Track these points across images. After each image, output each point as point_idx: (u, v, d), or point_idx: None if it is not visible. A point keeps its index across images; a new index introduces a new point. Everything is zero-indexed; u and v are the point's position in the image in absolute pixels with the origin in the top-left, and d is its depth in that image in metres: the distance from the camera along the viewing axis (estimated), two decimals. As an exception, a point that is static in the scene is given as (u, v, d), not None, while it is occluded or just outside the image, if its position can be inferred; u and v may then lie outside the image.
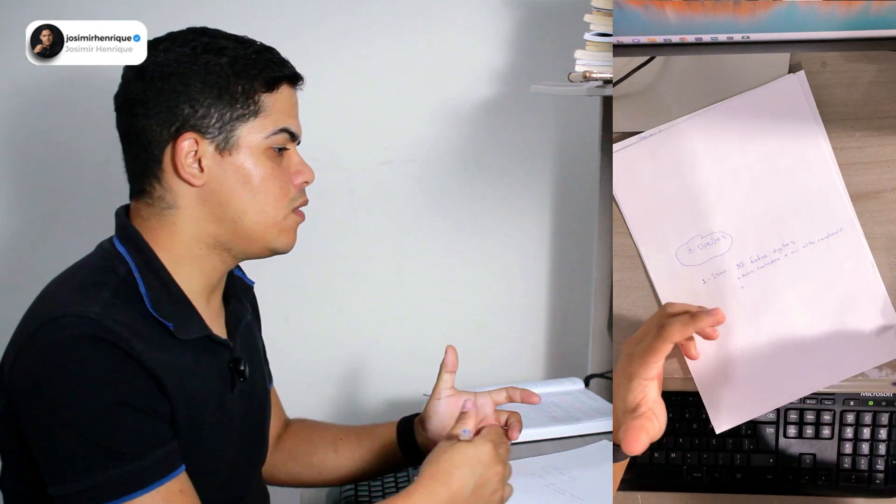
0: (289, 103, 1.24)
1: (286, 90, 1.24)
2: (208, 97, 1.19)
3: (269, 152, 1.22)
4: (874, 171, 1.27)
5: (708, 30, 1.25)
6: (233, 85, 1.19)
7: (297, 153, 1.26)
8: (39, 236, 1.99)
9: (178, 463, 1.15)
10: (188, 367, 1.19)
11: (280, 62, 1.24)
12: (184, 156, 1.19)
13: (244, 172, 1.21)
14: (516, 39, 2.05)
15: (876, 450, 1.32)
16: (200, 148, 1.19)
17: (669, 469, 1.34)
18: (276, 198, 1.22)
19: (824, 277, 1.25)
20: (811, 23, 1.23)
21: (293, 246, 1.27)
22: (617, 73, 1.30)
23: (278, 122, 1.22)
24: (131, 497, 1.10)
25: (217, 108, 1.19)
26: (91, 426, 1.10)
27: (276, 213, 1.23)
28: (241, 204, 1.21)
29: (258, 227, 1.22)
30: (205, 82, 1.19)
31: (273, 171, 1.22)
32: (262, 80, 1.21)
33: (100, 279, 1.17)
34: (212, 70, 1.19)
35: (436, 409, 1.41)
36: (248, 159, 1.21)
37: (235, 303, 1.32)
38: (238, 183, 1.21)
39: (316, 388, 2.11)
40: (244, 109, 1.20)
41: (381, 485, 1.60)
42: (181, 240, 1.22)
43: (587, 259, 2.01)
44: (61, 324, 1.11)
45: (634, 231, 1.29)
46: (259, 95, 1.21)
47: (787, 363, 1.24)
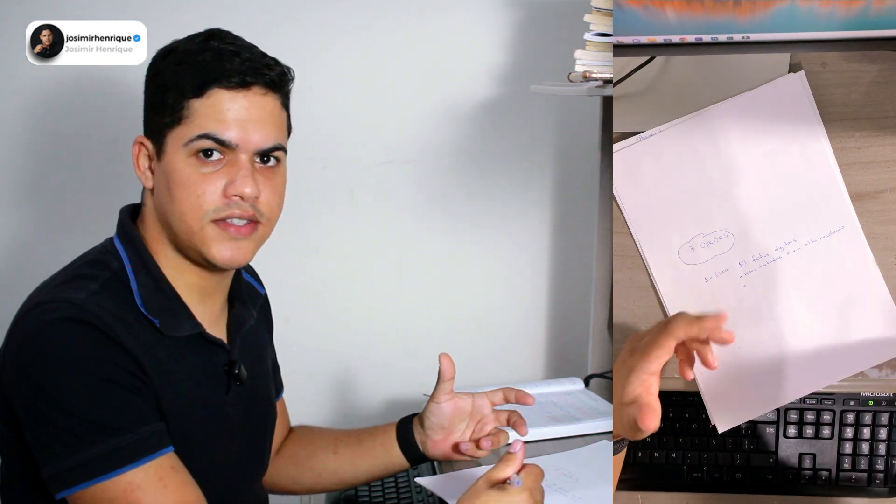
0: (222, 108, 1.18)
1: (220, 95, 1.18)
2: (150, 102, 1.21)
3: (190, 159, 1.18)
4: (874, 171, 1.27)
5: (708, 30, 1.25)
6: (170, 90, 1.19)
7: (247, 164, 1.19)
8: (39, 236, 1.99)
9: (167, 441, 1.15)
10: (174, 364, 1.19)
11: (224, 67, 1.17)
12: (136, 158, 1.22)
13: (166, 178, 1.20)
14: (516, 39, 2.05)
15: (876, 450, 1.32)
16: (148, 151, 1.22)
17: (669, 469, 1.34)
18: (190, 206, 1.18)
19: (826, 276, 1.25)
20: (811, 23, 1.23)
21: (231, 261, 1.21)
22: (617, 73, 1.30)
23: (201, 128, 1.17)
24: (123, 471, 1.11)
25: (156, 112, 1.20)
26: (78, 402, 1.10)
27: (192, 222, 1.19)
28: (168, 209, 1.20)
29: (183, 234, 1.20)
30: (156, 86, 1.21)
31: (190, 179, 1.18)
32: (192, 84, 1.18)
33: (90, 272, 1.19)
34: (163, 74, 1.20)
35: (435, 410, 1.43)
36: (170, 165, 1.19)
37: (240, 307, 1.32)
38: (165, 188, 1.20)
39: (316, 388, 2.11)
40: (172, 116, 1.19)
41: (381, 485, 1.60)
42: (153, 239, 1.24)
43: (587, 259, 2.01)
44: (46, 308, 1.13)
45: (635, 230, 1.29)
46: (188, 101, 1.18)
47: (788, 362, 1.24)
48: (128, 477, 1.11)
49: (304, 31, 2.00)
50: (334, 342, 2.13)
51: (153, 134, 1.21)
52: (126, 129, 1.41)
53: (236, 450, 1.29)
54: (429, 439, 1.44)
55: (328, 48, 2.01)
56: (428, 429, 1.43)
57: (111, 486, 1.10)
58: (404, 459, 1.46)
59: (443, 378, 1.41)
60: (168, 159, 1.19)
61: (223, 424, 1.26)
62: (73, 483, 1.11)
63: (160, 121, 1.19)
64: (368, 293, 2.13)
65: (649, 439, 1.32)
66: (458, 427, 1.44)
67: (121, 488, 1.10)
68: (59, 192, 1.99)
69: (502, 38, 2.05)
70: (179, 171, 1.18)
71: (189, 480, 1.15)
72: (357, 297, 2.12)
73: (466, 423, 1.44)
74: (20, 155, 1.97)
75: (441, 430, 1.43)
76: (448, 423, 1.43)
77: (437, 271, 2.13)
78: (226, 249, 1.20)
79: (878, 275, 1.25)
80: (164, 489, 1.12)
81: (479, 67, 2.05)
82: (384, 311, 2.13)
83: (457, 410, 1.43)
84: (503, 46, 2.05)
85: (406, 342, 2.14)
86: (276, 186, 1.22)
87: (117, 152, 1.27)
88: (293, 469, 1.49)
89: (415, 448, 1.45)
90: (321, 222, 2.06)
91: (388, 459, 1.46)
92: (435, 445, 1.45)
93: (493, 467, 1.17)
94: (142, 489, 1.11)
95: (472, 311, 2.15)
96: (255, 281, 1.43)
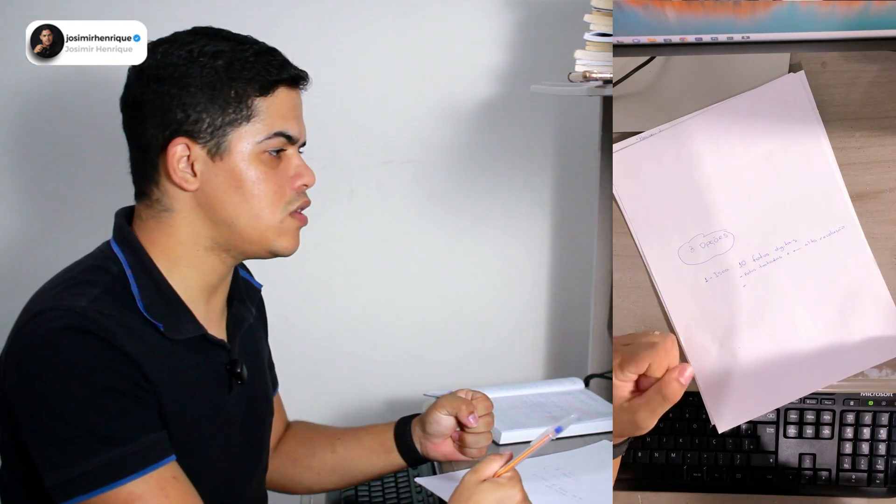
0: (286, 106, 1.23)
1: (283, 93, 1.22)
2: (200, 102, 1.18)
3: (262, 156, 1.21)
4: (874, 171, 1.27)
5: (708, 30, 1.25)
6: (225, 89, 1.18)
7: (298, 156, 1.25)
8: (40, 236, 1.99)
9: (169, 451, 1.15)
10: (178, 367, 1.19)
11: (278, 65, 1.22)
12: (175, 161, 1.19)
13: (236, 177, 1.20)
14: (516, 39, 2.05)
15: (876, 450, 1.32)
16: (193, 153, 1.19)
17: (669, 469, 1.34)
18: (270, 202, 1.21)
19: (826, 276, 1.25)
20: (811, 23, 1.22)
21: (295, 249, 1.26)
22: (617, 73, 1.30)
23: (272, 126, 1.21)
24: (125, 481, 1.11)
25: (209, 113, 1.18)
26: (79, 412, 1.10)
27: (272, 218, 1.22)
28: (234, 208, 1.20)
29: (254, 231, 1.22)
30: (198, 87, 1.18)
31: (266, 175, 1.21)
32: (256, 84, 1.20)
33: (91, 278, 1.18)
34: (205, 74, 1.18)
35: (437, 418, 1.43)
36: (239, 164, 1.20)
37: (239, 305, 1.32)
38: (231, 187, 1.20)
39: (316, 388, 2.11)
40: (236, 114, 1.19)
41: (381, 485, 1.61)
42: (178, 242, 1.22)
43: (587, 259, 2.01)
44: (47, 317, 1.13)
45: (635, 230, 1.29)
46: (252, 100, 1.20)
47: (788, 362, 1.24)
48: (129, 487, 1.11)
49: (304, 30, 2.00)
50: (334, 342, 2.13)
51: (200, 134, 1.19)
52: (126, 129, 1.40)
53: (237, 448, 1.29)
54: (429, 442, 1.44)
55: (328, 48, 2.01)
56: (429, 433, 1.44)
57: (113, 496, 1.10)
58: (402, 460, 1.46)
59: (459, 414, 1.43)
60: (235, 158, 1.20)
61: (225, 424, 1.26)
62: (74, 493, 1.10)
63: (217, 120, 1.18)
64: (368, 293, 2.13)
65: (649, 439, 1.32)
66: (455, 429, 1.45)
67: (122, 498, 1.11)
68: (59, 192, 1.99)
69: (502, 38, 2.05)
70: (254, 168, 1.20)
71: (191, 490, 1.15)
72: (357, 296, 2.12)
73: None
74: (20, 155, 1.97)
75: (441, 436, 1.44)
76: (450, 430, 1.44)
77: (437, 271, 2.14)
78: (295, 239, 1.26)
79: (877, 275, 1.25)
80: (165, 499, 1.12)
81: (479, 67, 2.05)
82: (384, 311, 2.13)
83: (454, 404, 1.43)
84: (503, 46, 2.05)
85: (406, 342, 2.14)
86: None
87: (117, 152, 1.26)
88: (293, 468, 1.49)
89: (413, 450, 1.45)
90: (321, 222, 2.05)
91: (386, 459, 1.46)
92: (435, 448, 1.45)
93: (482, 462, 1.18)
94: (143, 499, 1.11)
95: (472, 311, 2.16)
96: (249, 276, 1.43)
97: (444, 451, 1.45)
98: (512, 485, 1.17)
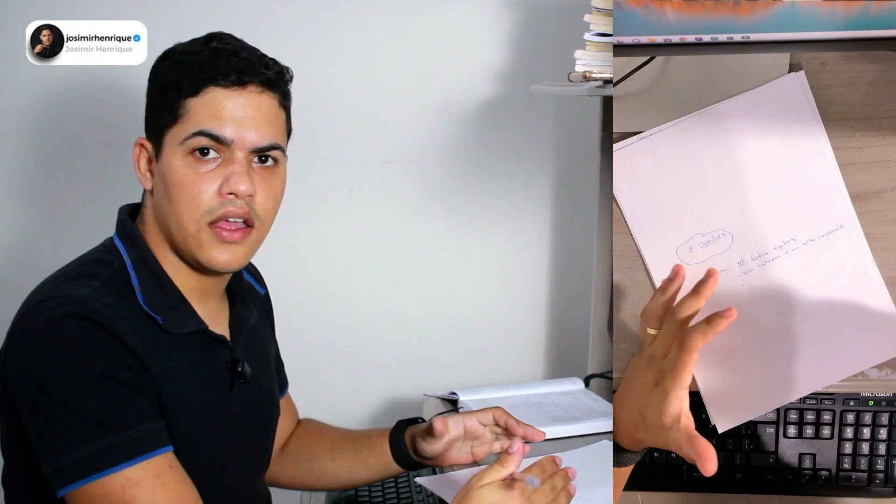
0: (216, 106, 1.17)
1: (216, 93, 1.18)
2: (153, 103, 1.21)
3: (187, 159, 1.18)
4: (874, 171, 1.27)
5: (708, 30, 1.25)
6: (167, 91, 1.19)
7: (242, 161, 1.18)
8: (40, 236, 1.99)
9: (166, 440, 1.15)
10: (177, 361, 1.20)
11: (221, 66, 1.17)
12: (136, 159, 1.22)
13: (164, 179, 1.20)
14: (516, 39, 2.05)
15: (876, 450, 1.32)
16: (148, 152, 1.22)
17: (669, 469, 1.34)
18: (185, 207, 1.18)
19: (825, 275, 1.25)
20: (811, 23, 1.22)
21: (226, 265, 1.20)
22: (617, 73, 1.30)
23: (197, 125, 1.17)
24: (121, 468, 1.10)
25: (154, 113, 1.21)
26: (77, 398, 1.10)
27: (189, 224, 1.18)
28: (165, 212, 1.20)
29: (179, 238, 1.20)
30: (155, 88, 1.21)
31: (185, 179, 1.17)
32: (188, 83, 1.18)
33: (92, 270, 1.19)
34: (162, 76, 1.21)
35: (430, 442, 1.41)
36: (166, 165, 1.19)
37: (241, 306, 1.33)
38: (163, 189, 1.20)
39: (316, 388, 2.11)
40: (170, 114, 1.19)
41: (381, 485, 1.61)
42: (152, 241, 1.24)
43: (587, 259, 2.01)
44: (48, 305, 1.13)
45: (635, 230, 1.29)
46: (184, 100, 1.18)
47: (788, 362, 1.24)
48: (126, 473, 1.11)
49: (304, 31, 2.00)
50: (334, 342, 2.13)
51: (153, 135, 1.21)
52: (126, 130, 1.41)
53: (239, 447, 1.29)
54: (425, 459, 1.43)
55: (328, 48, 2.01)
56: (421, 451, 1.42)
57: (109, 482, 1.10)
58: (401, 468, 1.45)
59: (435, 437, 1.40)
60: (165, 159, 1.19)
61: (226, 421, 1.26)
62: (71, 480, 1.10)
63: (159, 121, 1.20)
64: (368, 293, 2.13)
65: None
66: (455, 447, 1.42)
67: (118, 484, 1.10)
68: (59, 191, 1.99)
69: (502, 38, 2.05)
70: (176, 170, 1.18)
71: (187, 480, 1.15)
72: (357, 297, 2.12)
73: (463, 442, 1.42)
74: (20, 155, 1.97)
75: (435, 453, 1.42)
76: (443, 449, 1.41)
77: (437, 271, 2.14)
78: (220, 254, 1.19)
79: (877, 274, 1.25)
80: (161, 487, 1.12)
81: (479, 67, 2.05)
82: (384, 311, 2.13)
83: (450, 441, 1.41)
84: (503, 46, 2.05)
85: (406, 342, 2.14)
86: (272, 188, 1.21)
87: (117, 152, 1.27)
88: (294, 469, 1.49)
89: (409, 458, 1.44)
90: (321, 222, 2.06)
91: (383, 468, 1.46)
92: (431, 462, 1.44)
93: (488, 467, 1.16)
94: (139, 486, 1.11)
95: (472, 310, 2.16)
96: (255, 281, 1.43)
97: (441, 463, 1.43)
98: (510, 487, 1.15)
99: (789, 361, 1.24)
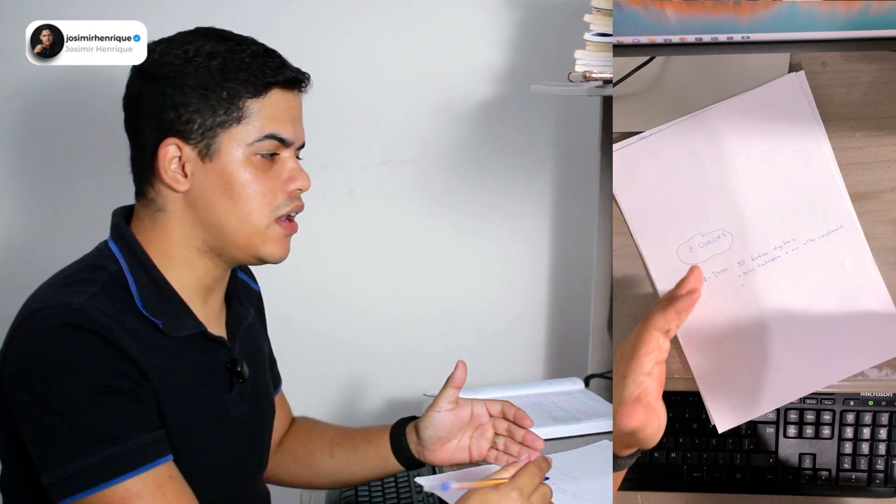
0: (279, 109, 1.21)
1: (277, 95, 1.21)
2: (193, 102, 1.18)
3: (252, 159, 1.20)
4: (874, 171, 1.27)
5: (708, 30, 1.25)
6: (218, 90, 1.18)
7: (294, 159, 1.24)
8: (40, 236, 1.99)
9: (166, 450, 1.15)
10: (177, 365, 1.19)
11: (274, 66, 1.21)
12: (167, 161, 1.19)
13: (225, 179, 1.19)
14: (516, 39, 2.05)
15: (876, 450, 1.32)
16: (184, 153, 1.19)
17: (669, 469, 1.34)
18: (258, 206, 1.20)
19: (825, 275, 1.25)
20: (811, 23, 1.23)
21: (284, 256, 1.25)
22: (617, 73, 1.30)
23: (264, 129, 1.20)
24: (121, 479, 1.10)
25: (200, 113, 1.18)
26: (76, 409, 1.10)
27: (258, 222, 1.21)
28: (222, 211, 1.20)
29: (241, 235, 1.21)
30: (191, 87, 1.18)
31: (255, 178, 1.20)
32: (249, 85, 1.19)
33: (89, 276, 1.18)
34: (199, 74, 1.18)
35: (433, 420, 1.39)
36: (228, 166, 1.19)
37: (237, 305, 1.32)
38: (219, 189, 1.20)
39: (316, 388, 2.11)
40: (227, 116, 1.18)
41: (381, 485, 1.61)
42: (172, 242, 1.22)
43: (587, 259, 2.01)
44: (45, 315, 1.13)
45: (635, 230, 1.29)
46: (244, 101, 1.19)
47: (788, 362, 1.24)
48: (126, 485, 1.11)
49: (304, 31, 2.00)
50: (334, 342, 2.13)
51: (191, 135, 1.19)
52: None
53: (238, 447, 1.29)
54: (425, 449, 1.42)
55: (328, 48, 2.01)
56: (425, 440, 1.40)
57: (109, 494, 1.10)
58: (400, 465, 1.45)
59: (452, 384, 1.38)
60: (225, 160, 1.19)
61: (225, 422, 1.26)
62: (71, 491, 1.10)
63: (208, 122, 1.18)
64: (368, 293, 2.13)
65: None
66: (457, 435, 1.40)
67: (118, 496, 1.10)
68: (59, 191, 1.99)
69: (502, 38, 2.05)
70: (243, 171, 1.19)
71: (187, 490, 1.15)
72: (357, 297, 2.12)
73: (465, 431, 1.41)
74: (20, 155, 1.97)
75: (438, 440, 1.40)
76: (446, 433, 1.39)
77: (437, 271, 2.14)
78: (283, 246, 1.24)
79: (877, 274, 1.25)
80: (161, 498, 1.12)
81: (479, 67, 2.05)
82: (384, 311, 2.13)
83: (456, 420, 1.39)
84: (503, 46, 2.05)
85: (406, 342, 2.14)
86: None
87: (117, 152, 1.26)
88: (293, 466, 1.49)
89: (409, 455, 1.43)
90: (321, 222, 2.06)
91: (382, 465, 1.44)
92: (433, 454, 1.41)
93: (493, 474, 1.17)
94: (139, 497, 1.11)
95: (473, 310, 2.15)
96: (248, 278, 1.43)
97: (442, 457, 1.42)
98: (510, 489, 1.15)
99: (789, 361, 1.24)
